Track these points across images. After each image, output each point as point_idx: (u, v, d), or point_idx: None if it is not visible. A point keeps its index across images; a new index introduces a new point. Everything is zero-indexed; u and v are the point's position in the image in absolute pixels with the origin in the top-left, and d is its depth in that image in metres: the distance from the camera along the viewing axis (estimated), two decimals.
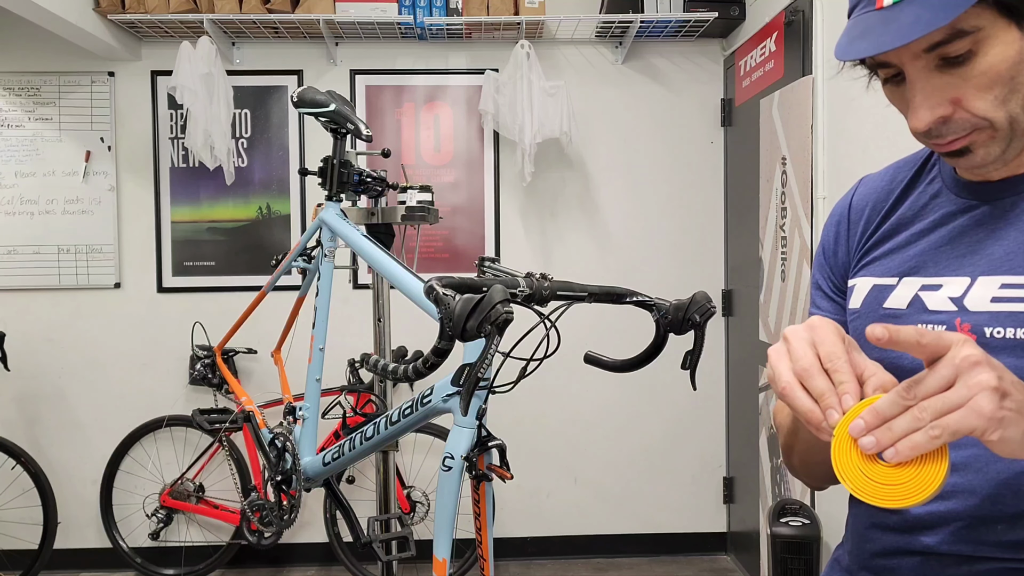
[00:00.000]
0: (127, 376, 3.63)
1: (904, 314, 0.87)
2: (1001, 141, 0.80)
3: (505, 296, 1.12)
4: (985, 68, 0.77)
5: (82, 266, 3.58)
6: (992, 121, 0.79)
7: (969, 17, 0.75)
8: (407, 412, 1.63)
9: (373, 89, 3.64)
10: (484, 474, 1.43)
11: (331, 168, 2.26)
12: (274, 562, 3.69)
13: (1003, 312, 0.80)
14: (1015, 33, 0.76)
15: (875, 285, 0.92)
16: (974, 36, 0.76)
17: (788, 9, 2.89)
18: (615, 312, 3.40)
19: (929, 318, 0.85)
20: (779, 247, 2.96)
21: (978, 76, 0.77)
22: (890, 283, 0.90)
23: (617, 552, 3.75)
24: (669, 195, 3.70)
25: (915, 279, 0.88)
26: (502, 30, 3.52)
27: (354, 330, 3.40)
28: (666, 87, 3.69)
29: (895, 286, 0.89)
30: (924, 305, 0.86)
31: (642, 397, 3.71)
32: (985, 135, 0.80)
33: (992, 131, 0.80)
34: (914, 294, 0.87)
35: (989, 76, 0.77)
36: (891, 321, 0.83)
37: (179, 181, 3.61)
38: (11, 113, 3.54)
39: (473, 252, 3.66)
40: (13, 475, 3.41)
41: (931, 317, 0.85)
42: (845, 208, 1.02)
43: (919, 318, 0.86)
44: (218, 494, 3.56)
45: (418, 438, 3.51)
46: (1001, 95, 0.78)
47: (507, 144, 3.59)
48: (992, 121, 0.79)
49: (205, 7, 3.32)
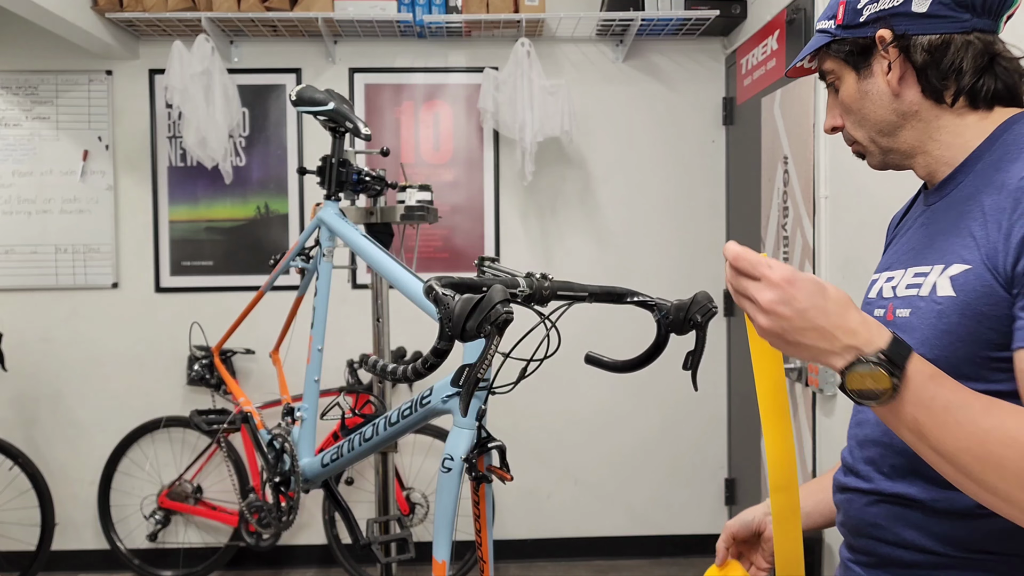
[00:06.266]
0: (125, 376, 3.61)
1: (870, 301, 1.06)
2: (875, 155, 1.06)
3: (505, 296, 1.11)
4: (843, 99, 1.05)
5: (79, 266, 3.56)
6: (858, 140, 1.06)
7: (826, 61, 1.05)
8: (406, 413, 1.61)
9: (372, 87, 3.62)
10: (484, 475, 1.41)
11: (330, 167, 2.24)
12: (272, 564, 3.67)
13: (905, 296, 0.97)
14: (854, 76, 1.02)
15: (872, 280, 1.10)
16: (834, 75, 1.05)
17: (790, 7, 2.87)
18: (616, 312, 3.38)
19: (879, 303, 1.03)
20: (781, 247, 2.94)
21: (843, 104, 1.06)
22: (875, 278, 1.09)
23: (618, 554, 3.73)
24: (670, 194, 3.68)
25: (885, 273, 1.06)
26: (502, 28, 3.50)
27: (353, 330, 3.38)
28: (667, 86, 3.68)
29: (876, 280, 1.08)
30: (880, 293, 1.04)
31: (643, 398, 3.69)
32: (861, 147, 1.07)
33: (862, 146, 1.06)
34: (880, 285, 1.05)
35: (845, 105, 1.05)
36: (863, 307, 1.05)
37: (177, 180, 3.59)
38: (8, 112, 3.53)
39: (473, 252, 3.64)
40: (10, 476, 3.40)
41: (880, 302, 1.03)
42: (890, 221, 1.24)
43: (875, 303, 1.04)
44: (216, 495, 3.54)
45: (417, 439, 3.49)
46: (854, 121, 1.05)
47: (507, 143, 3.58)
48: (858, 140, 1.06)
49: (203, 5, 3.30)
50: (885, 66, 0.99)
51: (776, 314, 0.82)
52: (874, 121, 1.02)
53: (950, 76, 0.96)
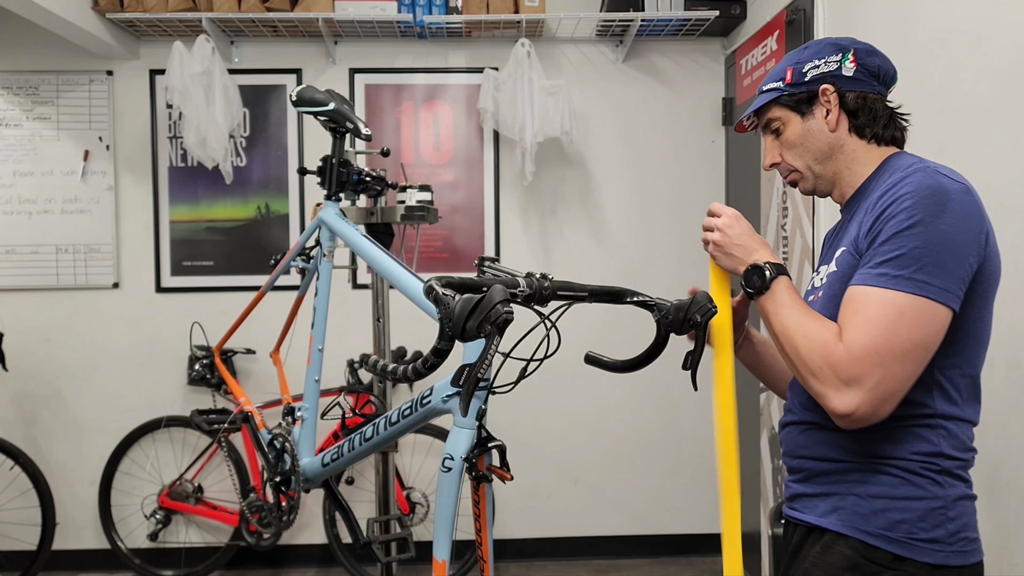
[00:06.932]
0: (125, 376, 3.61)
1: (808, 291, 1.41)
2: (808, 180, 1.42)
3: (505, 296, 1.11)
4: (788, 138, 1.41)
5: (80, 266, 3.57)
6: (797, 168, 1.42)
7: (774, 111, 1.42)
8: (406, 413, 1.62)
9: (372, 88, 3.63)
10: (484, 475, 1.42)
11: (330, 167, 2.25)
12: (273, 563, 3.67)
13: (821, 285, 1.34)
14: (799, 119, 1.39)
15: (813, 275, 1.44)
16: (779, 121, 1.42)
17: (789, 8, 2.88)
18: (615, 312, 3.38)
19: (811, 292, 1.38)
20: (780, 246, 2.95)
21: (786, 142, 1.42)
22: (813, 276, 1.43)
23: (618, 553, 3.74)
24: (670, 194, 3.69)
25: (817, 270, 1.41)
26: (502, 28, 3.51)
27: (353, 330, 3.39)
28: (667, 86, 3.68)
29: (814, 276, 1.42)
30: (813, 284, 1.39)
31: (642, 398, 3.70)
32: (798, 175, 1.43)
33: (800, 174, 1.43)
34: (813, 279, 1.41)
35: (791, 142, 1.41)
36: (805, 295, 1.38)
37: (178, 180, 3.60)
38: (9, 112, 3.53)
39: (473, 252, 3.64)
40: (11, 476, 3.40)
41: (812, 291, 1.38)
42: None
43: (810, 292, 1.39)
44: (217, 495, 3.55)
45: (418, 439, 3.50)
46: (796, 153, 1.41)
47: (507, 143, 3.58)
48: (797, 168, 1.42)
49: (204, 6, 3.31)
50: (824, 111, 1.37)
51: (723, 232, 1.41)
52: (813, 152, 1.39)
53: (872, 119, 1.36)
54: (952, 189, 1.20)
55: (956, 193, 1.20)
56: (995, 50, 1.84)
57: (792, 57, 1.42)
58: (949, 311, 1.19)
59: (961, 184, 1.23)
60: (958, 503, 1.24)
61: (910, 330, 1.16)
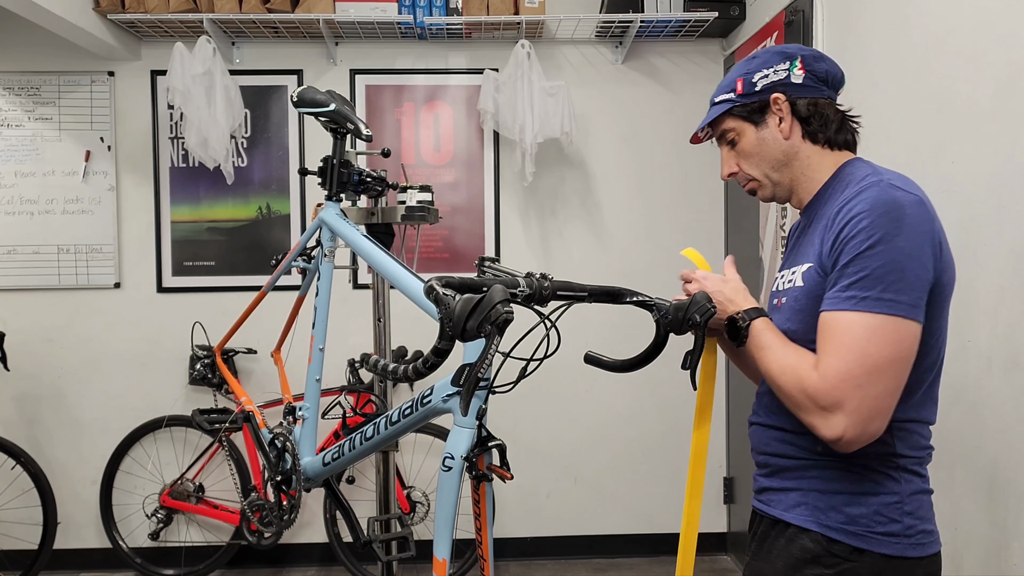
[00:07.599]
0: (127, 376, 3.62)
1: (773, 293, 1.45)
2: (767, 188, 1.45)
3: (505, 296, 1.12)
4: (744, 148, 1.44)
5: (82, 266, 3.58)
6: (755, 177, 1.45)
7: (728, 123, 1.44)
8: (407, 412, 1.63)
9: (373, 89, 3.64)
10: (484, 474, 1.43)
11: (331, 168, 2.25)
12: (274, 562, 3.68)
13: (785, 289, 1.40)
14: (753, 129, 1.42)
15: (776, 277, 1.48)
16: (734, 132, 1.44)
17: (788, 9, 2.89)
18: (615, 312, 3.39)
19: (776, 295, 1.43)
20: (779, 247, 2.96)
21: (742, 152, 1.44)
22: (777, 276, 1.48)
23: (617, 552, 3.75)
24: (669, 195, 3.70)
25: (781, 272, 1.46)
26: (502, 30, 3.52)
27: (354, 330, 3.40)
28: (666, 87, 3.69)
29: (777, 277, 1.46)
30: (777, 287, 1.44)
31: (641, 397, 3.71)
32: (756, 184, 1.46)
33: (758, 183, 1.45)
34: (777, 281, 1.45)
35: (746, 152, 1.44)
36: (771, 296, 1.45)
37: (179, 181, 3.61)
38: (11, 113, 3.54)
39: (473, 252, 3.65)
40: (13, 475, 3.41)
41: (776, 294, 1.43)
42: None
43: (774, 295, 1.44)
44: (218, 494, 3.55)
45: (418, 438, 3.51)
46: (753, 163, 1.43)
47: (507, 144, 3.59)
48: (755, 177, 1.45)
49: (205, 7, 3.32)
50: (777, 120, 1.40)
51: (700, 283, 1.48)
52: (769, 160, 1.42)
53: (824, 125, 1.39)
54: (906, 203, 1.23)
55: (910, 207, 1.23)
56: (994, 50, 1.85)
57: (741, 68, 1.44)
58: (919, 325, 1.23)
59: (914, 196, 1.25)
60: (914, 497, 1.30)
61: (883, 349, 1.20)
